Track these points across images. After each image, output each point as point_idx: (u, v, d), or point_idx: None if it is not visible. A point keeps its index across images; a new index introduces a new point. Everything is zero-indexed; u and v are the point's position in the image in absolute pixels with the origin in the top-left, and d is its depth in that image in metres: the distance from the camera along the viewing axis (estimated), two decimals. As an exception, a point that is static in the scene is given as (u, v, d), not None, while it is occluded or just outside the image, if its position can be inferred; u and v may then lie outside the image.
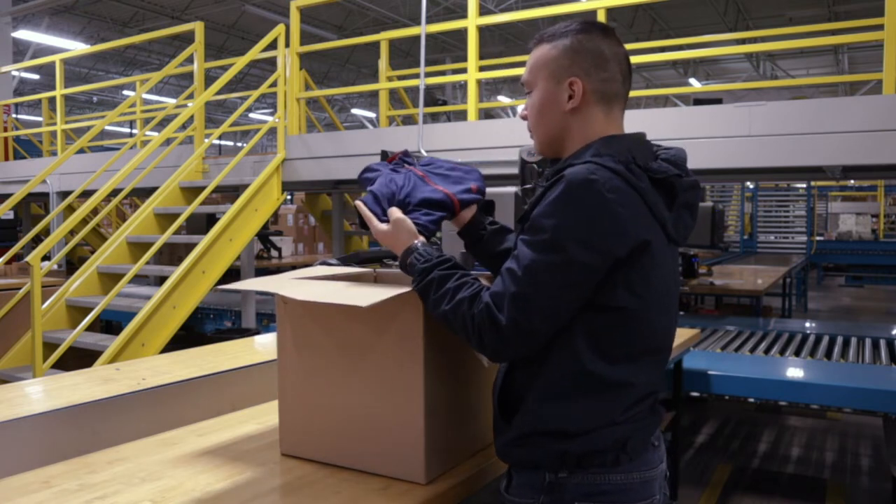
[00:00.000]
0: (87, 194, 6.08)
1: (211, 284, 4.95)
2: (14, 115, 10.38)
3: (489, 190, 1.79)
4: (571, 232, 1.21)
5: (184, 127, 6.35)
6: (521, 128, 5.68)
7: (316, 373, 1.52)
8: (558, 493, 1.30)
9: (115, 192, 5.60)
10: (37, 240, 6.48)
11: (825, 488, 4.17)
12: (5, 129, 8.98)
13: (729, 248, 11.49)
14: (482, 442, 1.59)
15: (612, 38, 1.38)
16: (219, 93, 6.10)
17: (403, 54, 15.93)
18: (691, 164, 1.40)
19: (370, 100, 21.70)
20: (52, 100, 7.81)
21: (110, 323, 6.67)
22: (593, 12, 5.05)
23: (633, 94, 5.83)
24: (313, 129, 9.92)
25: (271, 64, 6.34)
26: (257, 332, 5.06)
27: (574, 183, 1.22)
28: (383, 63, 6.71)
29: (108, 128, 13.37)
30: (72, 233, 6.82)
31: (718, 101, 7.36)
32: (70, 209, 7.16)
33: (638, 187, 1.25)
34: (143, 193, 7.34)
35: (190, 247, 5.00)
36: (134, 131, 14.87)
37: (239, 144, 21.78)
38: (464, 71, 5.26)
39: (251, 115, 22.40)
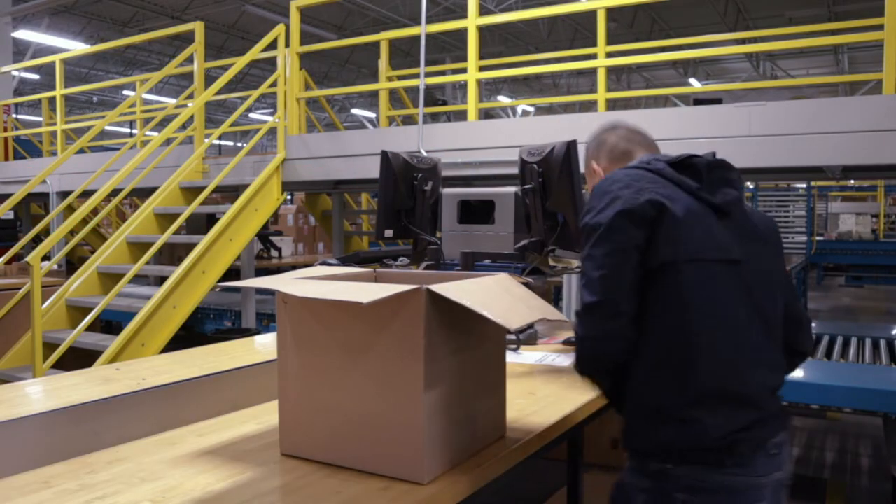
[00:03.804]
0: (87, 194, 6.09)
1: (211, 284, 4.95)
2: (14, 115, 10.37)
3: (489, 190, 1.83)
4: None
5: (184, 127, 6.35)
6: (521, 128, 5.72)
7: (316, 372, 1.52)
8: (663, 481, 1.41)
9: (115, 192, 5.60)
10: (37, 240, 6.48)
11: (825, 488, 4.17)
12: (5, 129, 8.98)
13: (729, 248, 11.46)
14: (482, 442, 1.59)
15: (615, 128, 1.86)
16: (219, 93, 6.10)
17: (403, 54, 15.93)
18: None
19: (370, 100, 21.70)
20: (52, 100, 7.81)
21: (110, 323, 6.66)
22: (593, 12, 5.05)
23: (633, 94, 5.83)
24: (313, 129, 9.92)
25: (271, 64, 6.35)
26: (257, 332, 5.06)
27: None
28: (383, 63, 6.71)
29: (108, 128, 13.38)
30: (72, 233, 6.82)
31: (718, 101, 7.37)
32: (70, 209, 7.16)
33: (651, 169, 1.53)
34: (143, 193, 7.34)
35: (190, 247, 5.00)
36: (134, 131, 14.86)
37: (239, 144, 21.77)
38: (464, 71, 5.26)
39: (251, 115, 22.40)
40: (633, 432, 1.49)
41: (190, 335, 6.11)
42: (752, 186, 14.43)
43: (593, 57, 5.36)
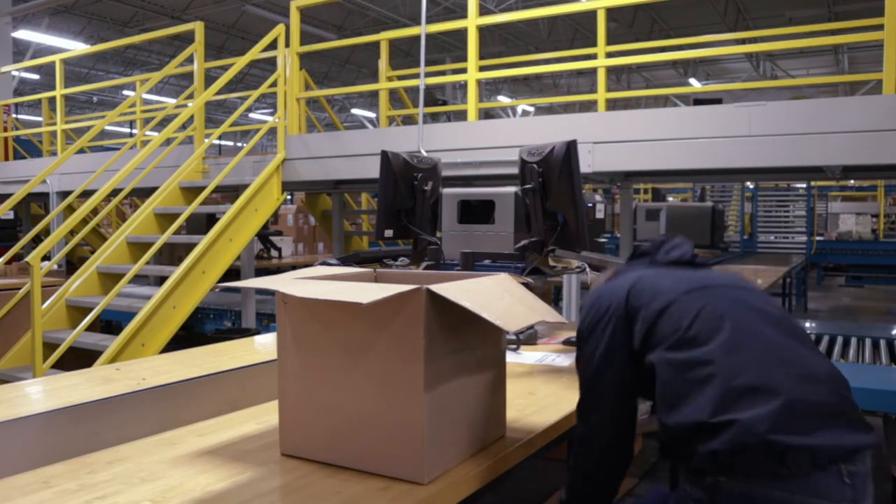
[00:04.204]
0: (87, 194, 6.08)
1: (211, 284, 4.95)
2: (14, 115, 10.37)
3: (489, 190, 1.83)
4: None
5: (184, 127, 6.35)
6: (521, 128, 5.71)
7: (316, 372, 1.52)
8: (717, 493, 1.33)
9: (115, 192, 5.60)
10: (37, 240, 6.48)
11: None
12: (5, 129, 8.98)
13: (729, 248, 11.47)
14: (482, 442, 1.59)
15: None
16: (219, 93, 6.10)
17: (403, 54, 15.93)
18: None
19: (370, 100, 21.70)
20: (52, 100, 7.81)
21: (110, 323, 6.66)
22: (593, 12, 5.05)
23: (633, 94, 5.82)
24: (313, 129, 9.92)
25: (271, 64, 6.35)
26: (257, 332, 5.06)
27: None
28: (383, 63, 6.71)
29: (108, 128, 13.38)
30: (72, 233, 6.82)
31: (718, 101, 7.37)
32: (70, 209, 7.15)
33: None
34: (143, 193, 7.34)
35: (190, 247, 5.00)
36: (134, 131, 14.86)
37: (239, 144, 21.77)
38: (464, 71, 5.26)
39: (251, 115, 22.40)
40: (677, 446, 1.43)
41: (190, 335, 6.11)
42: (752, 186, 14.43)
43: (593, 57, 5.36)
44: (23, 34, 13.29)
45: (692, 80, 18.06)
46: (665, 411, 1.42)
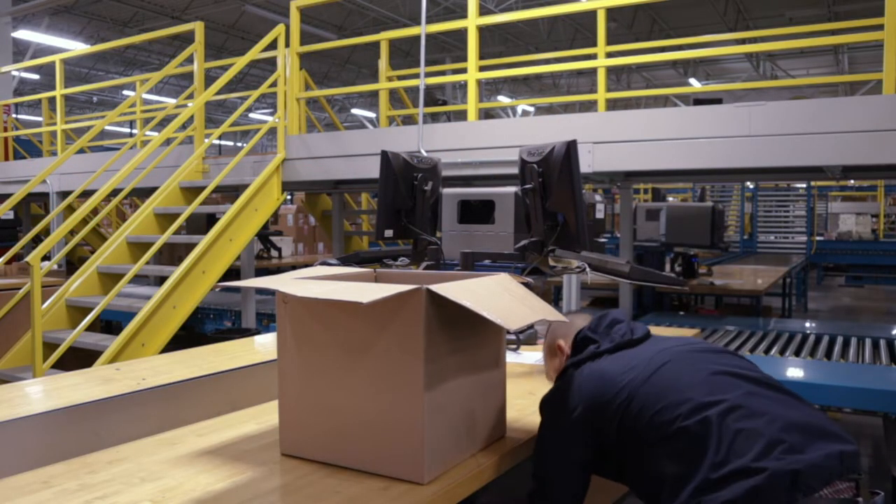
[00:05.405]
0: (87, 194, 6.08)
1: (211, 284, 4.95)
2: (14, 115, 10.37)
3: (489, 190, 1.82)
4: None
5: (184, 127, 6.35)
6: (521, 128, 5.71)
7: (316, 372, 1.52)
8: None
9: (115, 192, 5.60)
10: (37, 240, 6.48)
11: (825, 488, 4.16)
12: (5, 129, 8.98)
13: (729, 248, 11.47)
14: (482, 442, 1.59)
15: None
16: (219, 93, 6.10)
17: (403, 54, 15.93)
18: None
19: (370, 100, 21.70)
20: (52, 100, 7.80)
21: (110, 323, 6.66)
22: (593, 12, 5.05)
23: (633, 94, 5.81)
24: (313, 129, 9.92)
25: (271, 64, 6.34)
26: (257, 332, 5.06)
27: None
28: (383, 63, 6.71)
29: (108, 128, 13.38)
30: (72, 233, 6.82)
31: (718, 101, 7.36)
32: (70, 209, 7.15)
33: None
34: (143, 193, 7.34)
35: (190, 247, 5.00)
36: (134, 131, 14.86)
37: (239, 144, 21.77)
38: (464, 71, 5.26)
39: (251, 115, 22.39)
40: None
41: (190, 335, 6.11)
42: (752, 186, 14.44)
43: (593, 57, 5.35)
44: (23, 34, 13.29)
45: (692, 80, 18.05)
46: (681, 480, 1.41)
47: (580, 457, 1.56)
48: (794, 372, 3.79)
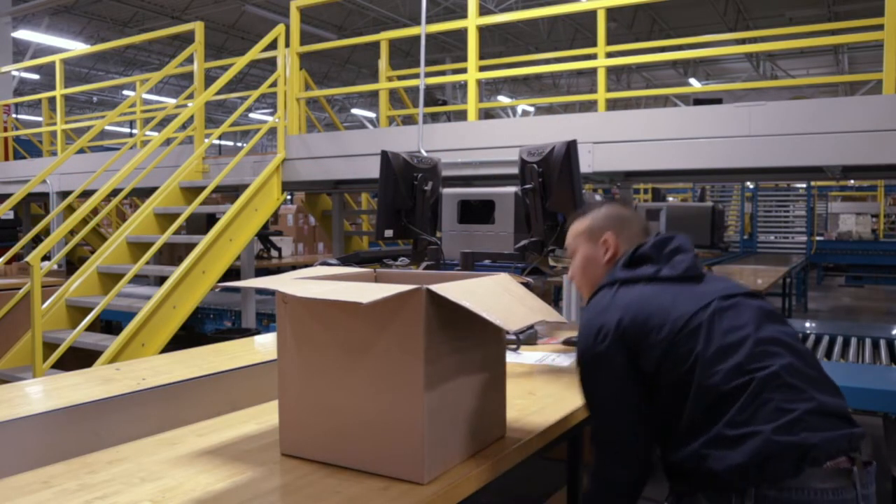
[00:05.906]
0: (87, 194, 6.09)
1: (211, 284, 4.95)
2: (14, 115, 10.37)
3: (489, 190, 1.82)
4: None
5: (184, 127, 6.35)
6: (521, 128, 5.71)
7: (316, 372, 1.52)
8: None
9: (115, 192, 5.60)
10: (37, 240, 6.48)
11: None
12: (5, 129, 8.98)
13: (729, 248, 11.47)
14: (482, 442, 1.59)
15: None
16: (219, 93, 6.10)
17: (403, 54, 15.93)
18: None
19: (370, 100, 21.70)
20: (52, 100, 7.81)
21: (110, 323, 6.66)
22: (593, 12, 5.05)
23: (633, 94, 5.80)
24: (313, 129, 9.92)
25: (271, 64, 6.35)
26: (257, 332, 5.06)
27: None
28: (383, 63, 6.71)
29: (108, 128, 13.38)
30: (72, 233, 6.82)
31: (718, 101, 7.37)
32: (70, 209, 7.16)
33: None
34: (143, 193, 7.34)
35: (190, 247, 5.00)
36: (134, 131, 14.86)
37: (239, 144, 21.77)
38: (464, 71, 5.26)
39: (251, 115, 22.40)
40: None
41: (190, 335, 6.11)
42: (752, 186, 14.43)
43: (593, 57, 5.36)
44: (23, 34, 13.29)
45: (692, 80, 18.06)
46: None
47: (626, 372, 1.53)
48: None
